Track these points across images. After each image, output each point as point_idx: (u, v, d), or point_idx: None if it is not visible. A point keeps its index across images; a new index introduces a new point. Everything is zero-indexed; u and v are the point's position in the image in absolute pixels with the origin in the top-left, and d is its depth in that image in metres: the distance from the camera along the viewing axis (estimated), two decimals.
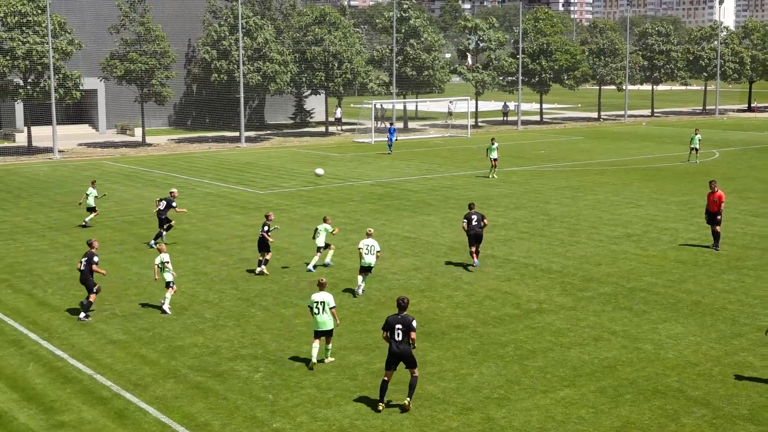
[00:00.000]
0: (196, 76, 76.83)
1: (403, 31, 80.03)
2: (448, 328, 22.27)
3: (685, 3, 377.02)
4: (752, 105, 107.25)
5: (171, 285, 23.73)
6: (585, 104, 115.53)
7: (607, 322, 22.71)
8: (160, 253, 23.85)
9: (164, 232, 31.98)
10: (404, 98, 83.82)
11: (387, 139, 63.90)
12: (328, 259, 28.63)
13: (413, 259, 29.62)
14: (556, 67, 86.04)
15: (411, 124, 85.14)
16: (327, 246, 28.19)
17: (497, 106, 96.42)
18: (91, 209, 35.99)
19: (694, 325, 22.35)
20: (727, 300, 24.54)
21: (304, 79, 75.01)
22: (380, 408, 17.19)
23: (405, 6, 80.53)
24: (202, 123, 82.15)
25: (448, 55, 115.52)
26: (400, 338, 17.14)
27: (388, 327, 17.24)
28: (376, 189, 45.25)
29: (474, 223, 28.22)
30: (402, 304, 17.38)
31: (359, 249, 25.16)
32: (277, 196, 43.33)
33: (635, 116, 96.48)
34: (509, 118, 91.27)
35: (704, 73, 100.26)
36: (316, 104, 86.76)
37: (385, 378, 17.35)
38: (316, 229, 27.83)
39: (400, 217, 37.32)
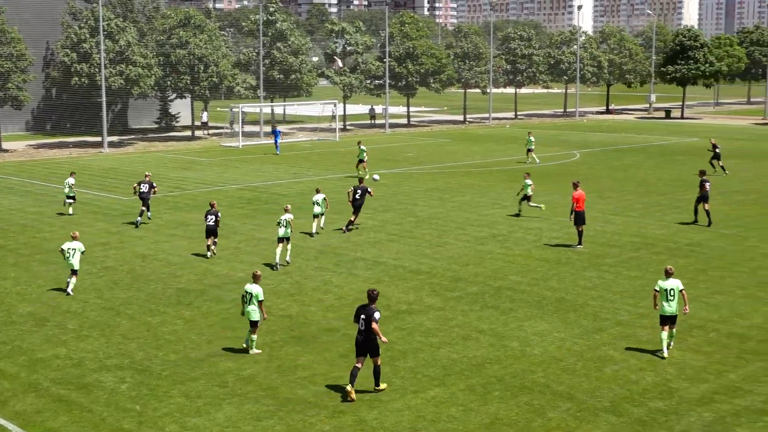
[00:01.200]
0: (56, 80, 74.43)
1: (269, 34, 79.61)
2: (318, 332, 22.26)
3: (546, 8, 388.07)
4: (610, 107, 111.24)
5: (76, 272, 26.02)
6: (451, 107, 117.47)
7: (475, 321, 23.13)
8: (73, 240, 26.07)
9: (149, 212, 36.90)
10: (272, 102, 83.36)
11: (273, 141, 65.46)
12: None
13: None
14: (422, 70, 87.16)
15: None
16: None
17: (365, 109, 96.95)
18: None
19: (558, 322, 23.00)
20: (589, 296, 25.35)
21: (169, 82, 73.67)
22: (348, 389, 17.85)
23: (271, 9, 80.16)
24: (62, 128, 79.66)
25: (315, 59, 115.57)
26: (364, 327, 17.95)
27: (356, 317, 18.18)
28: (244, 193, 44.85)
29: (357, 196, 34.24)
30: (371, 296, 18.16)
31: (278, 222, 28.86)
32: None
33: (499, 119, 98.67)
34: (377, 121, 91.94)
35: (565, 77, 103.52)
36: (181, 108, 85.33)
37: (357, 365, 18.06)
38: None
39: (269, 221, 37.07)
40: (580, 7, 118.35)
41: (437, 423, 16.90)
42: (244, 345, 20.93)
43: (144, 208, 36.86)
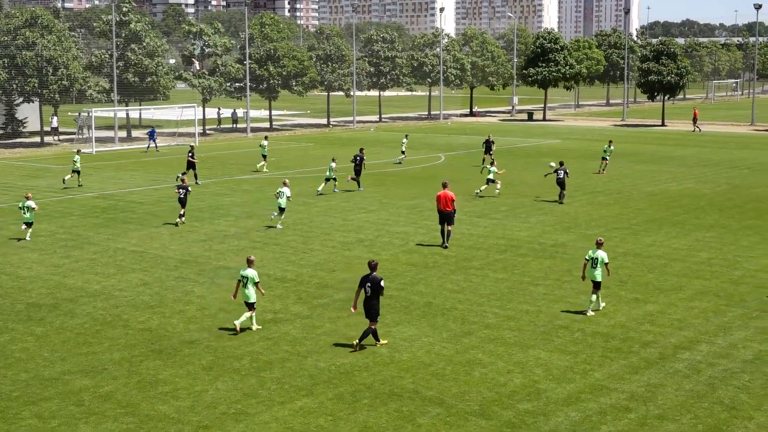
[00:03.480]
0: None
1: (123, 35, 77.83)
2: (180, 345, 21.87)
3: (408, 11, 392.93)
4: (474, 110, 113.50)
5: None
6: (314, 110, 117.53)
7: (343, 328, 23.16)
8: None
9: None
10: (127, 106, 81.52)
11: (148, 144, 66.71)
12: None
13: (141, 275, 28.86)
14: (284, 73, 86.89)
15: (135, 133, 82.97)
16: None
17: (226, 113, 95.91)
18: None
19: (426, 326, 23.27)
20: (456, 300, 25.75)
21: (14, 85, 71.09)
22: (383, 342, 21.63)
23: (125, 9, 78.36)
24: None
25: (172, 61, 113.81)
26: (369, 294, 21.17)
27: (361, 284, 21.35)
28: (99, 202, 43.70)
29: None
30: (372, 265, 21.42)
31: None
32: None
33: (364, 122, 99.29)
34: (239, 125, 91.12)
35: (428, 79, 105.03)
36: (29, 113, 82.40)
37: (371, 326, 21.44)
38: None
39: (126, 230, 36.26)
40: (442, 10, 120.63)
41: None
42: (236, 326, 22.48)
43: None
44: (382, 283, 21.33)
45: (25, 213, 34.29)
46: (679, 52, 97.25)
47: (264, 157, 55.74)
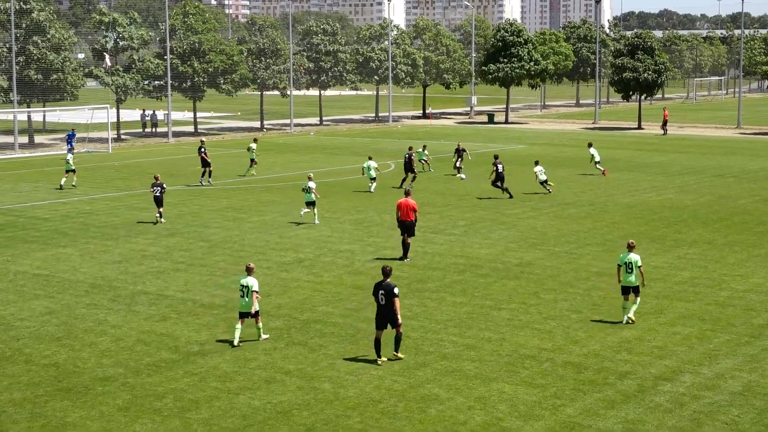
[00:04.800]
0: None
1: (24, 26, 77.00)
2: (92, 382, 21.64)
3: None
4: (427, 111, 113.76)
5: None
6: (246, 112, 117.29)
7: (279, 360, 23.09)
8: None
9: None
10: (29, 107, 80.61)
11: (66, 149, 65.95)
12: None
13: (47, 301, 28.55)
14: (210, 69, 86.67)
15: (38, 138, 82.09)
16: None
17: (138, 115, 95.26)
18: None
19: (375, 358, 23.26)
20: (409, 327, 25.78)
21: None
22: (380, 362, 22.58)
23: None
24: None
25: (81, 56, 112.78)
26: (384, 302, 22.49)
27: (374, 292, 22.84)
28: None
29: None
30: (385, 271, 22.89)
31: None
32: None
33: (303, 125, 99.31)
34: (158, 129, 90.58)
35: (375, 77, 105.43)
36: None
37: (377, 337, 22.72)
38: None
39: (28, 251, 35.85)
40: None
41: None
42: (237, 342, 24.04)
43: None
44: (396, 291, 22.60)
45: None
46: (657, 46, 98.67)
47: (252, 161, 58.01)
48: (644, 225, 41.13)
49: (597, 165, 57.43)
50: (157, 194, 41.54)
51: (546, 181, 49.60)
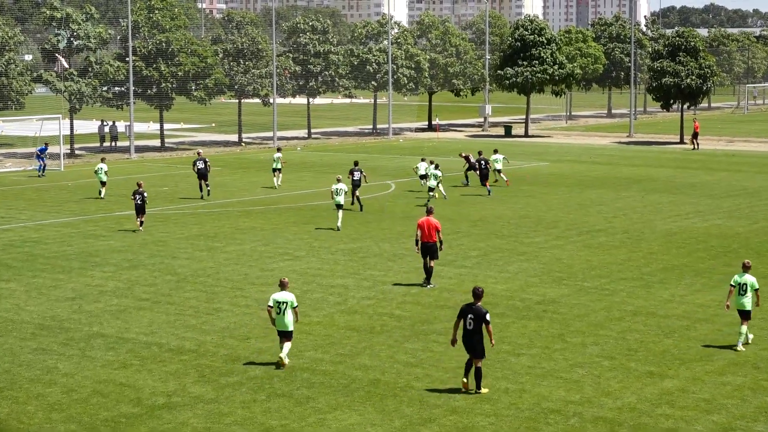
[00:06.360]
0: None
1: None
2: None
3: None
4: (434, 122, 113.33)
5: None
6: (221, 124, 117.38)
7: (260, 415, 23.02)
8: None
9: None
10: None
11: (40, 164, 68.38)
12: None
13: None
14: (180, 73, 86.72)
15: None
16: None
17: (96, 126, 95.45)
18: None
19: (372, 412, 23.19)
20: (412, 376, 25.71)
21: None
22: (465, 381, 24.19)
23: None
24: None
25: (28, 57, 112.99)
26: (471, 327, 23.89)
27: (462, 315, 24.15)
28: None
29: None
30: (477, 293, 24.23)
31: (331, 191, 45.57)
32: None
33: (288, 138, 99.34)
34: (119, 144, 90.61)
35: (373, 82, 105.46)
36: None
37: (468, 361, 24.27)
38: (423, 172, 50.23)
39: None
40: None
41: None
42: (282, 360, 26.04)
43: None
44: (488, 317, 23.95)
45: None
46: (702, 46, 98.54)
47: (277, 171, 62.30)
48: (687, 256, 41.07)
49: (500, 174, 61.44)
50: (139, 202, 45.55)
51: (500, 171, 56.68)
